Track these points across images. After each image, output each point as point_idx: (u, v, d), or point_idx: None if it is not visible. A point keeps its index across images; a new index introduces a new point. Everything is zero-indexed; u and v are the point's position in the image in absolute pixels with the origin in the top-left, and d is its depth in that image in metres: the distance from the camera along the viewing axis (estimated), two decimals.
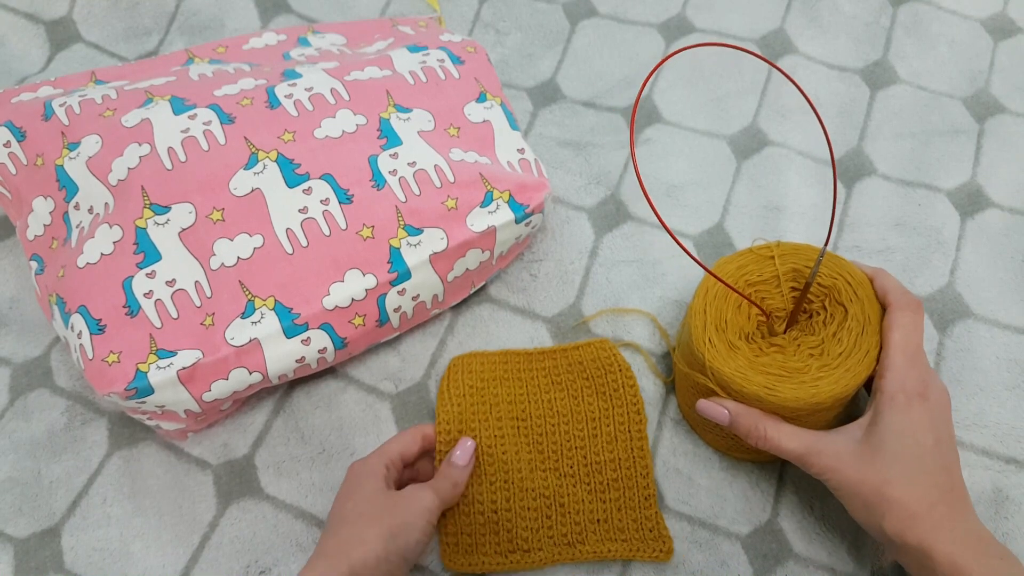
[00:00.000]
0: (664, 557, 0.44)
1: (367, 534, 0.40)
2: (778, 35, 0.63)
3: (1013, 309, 0.52)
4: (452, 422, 0.48)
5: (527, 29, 0.64)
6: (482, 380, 0.49)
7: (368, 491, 0.42)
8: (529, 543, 0.44)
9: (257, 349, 0.43)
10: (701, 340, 0.43)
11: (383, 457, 0.44)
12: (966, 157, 0.58)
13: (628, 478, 0.46)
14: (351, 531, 0.40)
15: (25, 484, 0.48)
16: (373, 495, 0.42)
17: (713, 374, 0.42)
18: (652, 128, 0.59)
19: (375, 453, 0.45)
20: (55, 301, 0.45)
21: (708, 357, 0.42)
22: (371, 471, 0.43)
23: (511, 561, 0.44)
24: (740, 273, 0.45)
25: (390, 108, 0.49)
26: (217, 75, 0.51)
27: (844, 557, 0.45)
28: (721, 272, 0.45)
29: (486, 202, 0.47)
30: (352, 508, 0.42)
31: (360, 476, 0.43)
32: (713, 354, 0.42)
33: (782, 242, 0.46)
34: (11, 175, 0.48)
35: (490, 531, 0.45)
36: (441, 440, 0.47)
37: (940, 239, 0.55)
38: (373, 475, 0.43)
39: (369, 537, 0.40)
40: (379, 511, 0.41)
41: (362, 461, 0.44)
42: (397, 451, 0.45)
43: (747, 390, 0.41)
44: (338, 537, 0.41)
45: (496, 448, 0.47)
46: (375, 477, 0.43)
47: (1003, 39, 0.63)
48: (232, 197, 0.45)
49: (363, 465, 0.44)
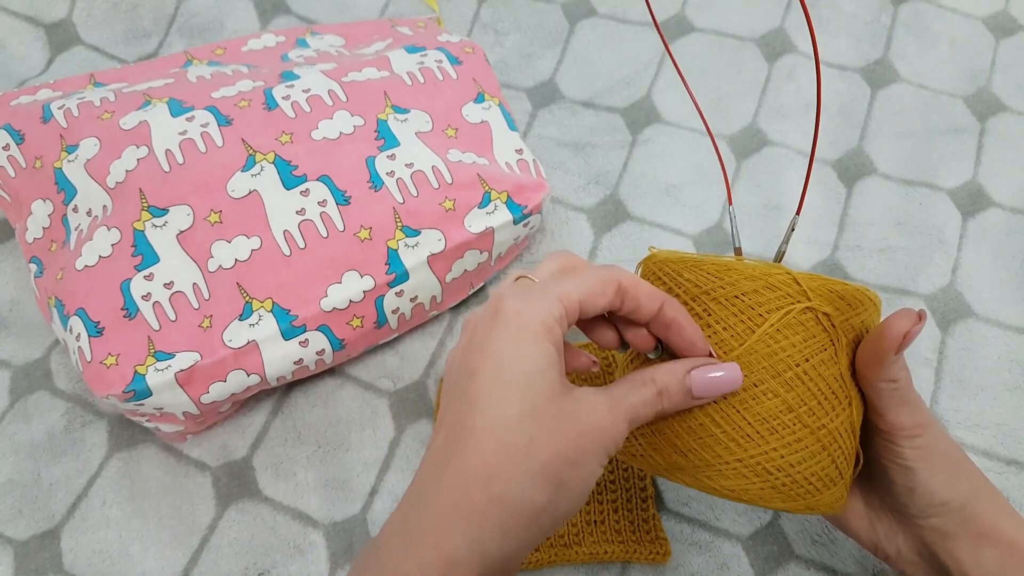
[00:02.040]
0: (661, 559, 0.44)
1: (521, 480, 0.25)
2: (778, 34, 0.63)
3: (1014, 309, 0.52)
4: None
5: (526, 29, 0.64)
6: None
7: (534, 382, 0.26)
8: None
9: (255, 351, 0.43)
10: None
11: (557, 303, 0.27)
12: (967, 156, 0.58)
13: (626, 480, 0.46)
14: (491, 464, 0.25)
15: (25, 486, 0.48)
16: (539, 392, 0.26)
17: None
18: (651, 128, 0.59)
19: (539, 293, 0.28)
20: (54, 303, 0.45)
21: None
22: (540, 328, 0.26)
23: None
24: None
25: (388, 109, 0.49)
26: (215, 77, 0.51)
27: (846, 559, 0.45)
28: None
29: (484, 203, 0.47)
30: (498, 417, 0.26)
31: (520, 338, 0.26)
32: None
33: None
34: (10, 178, 0.48)
35: None
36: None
37: (941, 238, 0.54)
38: (544, 341, 0.26)
39: (526, 486, 0.25)
40: (546, 434, 0.26)
41: (522, 299, 0.27)
42: (576, 297, 0.28)
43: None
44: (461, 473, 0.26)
45: None
46: (546, 350, 0.26)
47: (1004, 37, 0.62)
48: (230, 199, 0.45)
49: (526, 309, 0.27)
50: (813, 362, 0.32)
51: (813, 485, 0.33)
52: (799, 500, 0.33)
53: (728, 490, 0.33)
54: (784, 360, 0.32)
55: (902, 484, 0.35)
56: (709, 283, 0.33)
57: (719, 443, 0.33)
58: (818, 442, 0.33)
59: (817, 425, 0.33)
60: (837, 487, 0.34)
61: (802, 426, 0.32)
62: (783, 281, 0.33)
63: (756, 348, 0.32)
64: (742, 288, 0.33)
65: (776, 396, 0.32)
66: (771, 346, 0.32)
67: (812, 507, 0.34)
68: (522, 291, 0.28)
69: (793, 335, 0.32)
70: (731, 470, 0.33)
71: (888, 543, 0.37)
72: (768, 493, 0.33)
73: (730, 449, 0.33)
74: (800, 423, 0.32)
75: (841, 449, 0.33)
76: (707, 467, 0.33)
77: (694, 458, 0.33)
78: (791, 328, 0.32)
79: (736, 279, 0.33)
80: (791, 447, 0.32)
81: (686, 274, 0.34)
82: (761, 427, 0.32)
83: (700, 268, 0.34)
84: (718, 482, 0.33)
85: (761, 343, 0.32)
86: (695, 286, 0.34)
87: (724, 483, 0.33)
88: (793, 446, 0.32)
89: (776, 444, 0.32)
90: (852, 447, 0.34)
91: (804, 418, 0.32)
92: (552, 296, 0.28)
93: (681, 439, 0.33)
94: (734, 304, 0.33)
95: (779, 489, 0.33)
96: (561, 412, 0.27)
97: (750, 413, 0.32)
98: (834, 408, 0.33)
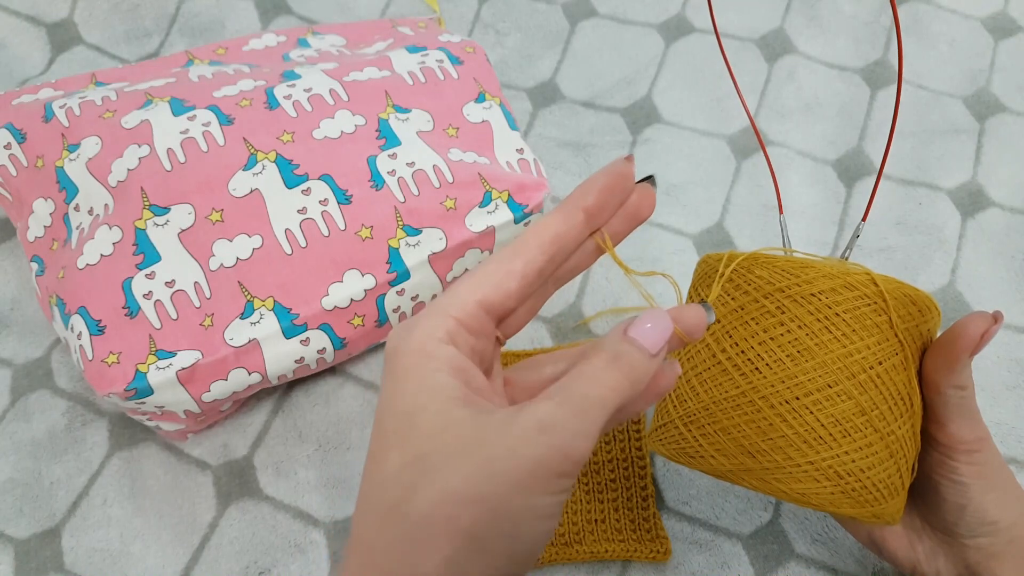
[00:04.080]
0: (662, 558, 0.44)
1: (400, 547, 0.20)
2: (778, 35, 0.63)
3: (1014, 308, 0.52)
4: None
5: (527, 29, 0.64)
6: None
7: (417, 422, 0.22)
8: None
9: (256, 349, 0.43)
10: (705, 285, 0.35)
11: (445, 318, 0.23)
12: (967, 156, 0.58)
13: (626, 479, 0.46)
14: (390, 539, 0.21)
15: (26, 485, 0.48)
16: (425, 432, 0.21)
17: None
18: (652, 128, 0.59)
19: (424, 315, 0.24)
20: (55, 302, 0.45)
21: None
22: (416, 359, 0.22)
23: None
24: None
25: (389, 108, 0.49)
26: (217, 76, 0.51)
27: (846, 557, 0.45)
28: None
29: (485, 202, 0.47)
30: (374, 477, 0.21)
31: (398, 378, 0.22)
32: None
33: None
34: (11, 177, 0.48)
35: None
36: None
37: (941, 238, 0.55)
38: (425, 371, 0.22)
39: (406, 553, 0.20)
40: (430, 479, 0.21)
41: (404, 332, 0.23)
42: (474, 298, 0.24)
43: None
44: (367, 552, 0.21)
45: None
46: (429, 382, 0.22)
47: (1004, 38, 0.62)
48: (231, 198, 0.45)
49: (404, 343, 0.23)
50: (886, 366, 0.32)
51: (880, 492, 0.32)
52: (867, 507, 0.32)
53: (799, 493, 0.32)
54: (859, 362, 0.31)
55: (953, 501, 0.34)
56: (784, 280, 0.32)
57: (791, 444, 0.32)
58: (887, 448, 0.32)
59: (887, 431, 0.32)
60: (899, 496, 0.33)
61: (873, 430, 0.32)
62: (861, 281, 0.32)
63: (831, 348, 0.32)
64: (819, 286, 0.32)
65: (850, 398, 0.31)
66: (847, 347, 0.31)
67: (878, 515, 0.33)
68: (408, 321, 0.24)
69: (868, 337, 0.32)
70: (802, 472, 0.32)
71: (928, 564, 0.36)
72: (839, 498, 0.32)
73: (802, 451, 0.32)
74: (871, 427, 0.32)
75: (906, 458, 0.33)
76: (777, 469, 0.32)
77: (764, 459, 0.32)
78: (867, 330, 0.32)
79: (813, 277, 0.32)
80: (862, 451, 0.32)
81: (758, 271, 0.33)
82: (834, 429, 0.31)
83: (774, 265, 0.33)
84: (788, 485, 0.32)
85: (836, 343, 0.31)
86: (768, 283, 0.33)
87: (795, 486, 0.32)
88: (864, 451, 0.32)
89: (848, 448, 0.31)
90: (914, 457, 0.34)
91: (876, 422, 0.32)
92: (438, 312, 0.23)
93: (750, 440, 0.32)
94: (810, 302, 0.32)
95: (849, 494, 0.32)
96: (462, 445, 0.21)
97: (824, 414, 0.31)
98: (903, 414, 0.32)
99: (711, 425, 0.34)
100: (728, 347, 0.34)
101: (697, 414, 0.35)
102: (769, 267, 0.33)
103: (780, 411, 0.32)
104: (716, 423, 0.33)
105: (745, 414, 0.32)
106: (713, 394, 0.34)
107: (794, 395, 0.32)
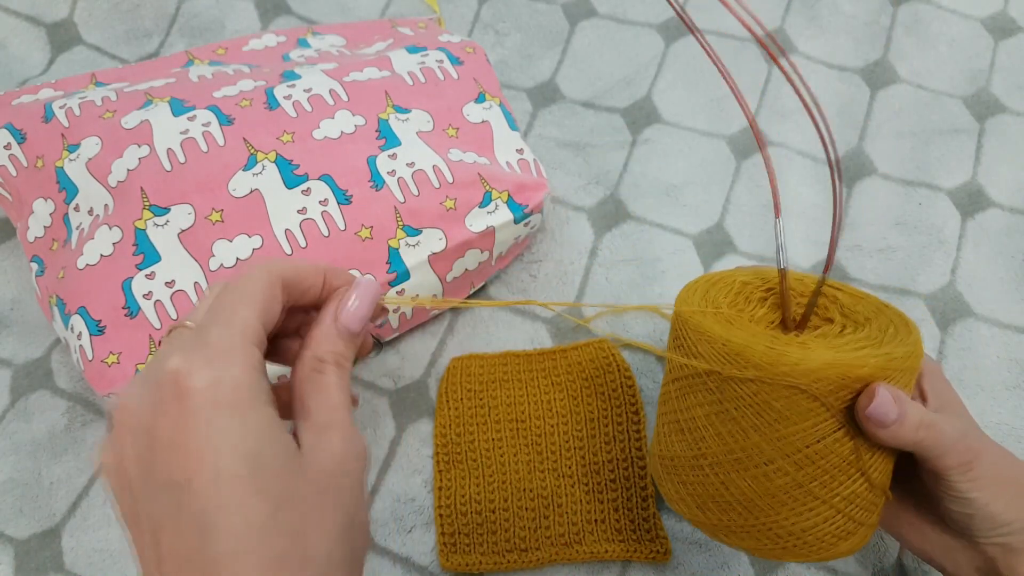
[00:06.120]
0: (662, 558, 0.44)
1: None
2: (778, 35, 0.63)
3: (1014, 308, 0.52)
4: (450, 425, 0.48)
5: (526, 30, 0.64)
6: (480, 383, 0.49)
7: (269, 463, 0.21)
8: (527, 543, 0.44)
9: None
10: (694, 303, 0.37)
11: (246, 345, 0.22)
12: (967, 156, 0.58)
13: (626, 479, 0.46)
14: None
15: (26, 485, 0.48)
16: (279, 471, 0.21)
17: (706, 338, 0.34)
18: (651, 128, 0.59)
19: (222, 343, 0.22)
20: (55, 302, 0.45)
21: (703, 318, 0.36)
22: (246, 394, 0.21)
23: (508, 561, 0.44)
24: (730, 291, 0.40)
25: (389, 109, 0.49)
26: (217, 77, 0.51)
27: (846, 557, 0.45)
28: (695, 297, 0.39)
29: (485, 202, 0.47)
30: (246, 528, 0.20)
31: (230, 417, 0.21)
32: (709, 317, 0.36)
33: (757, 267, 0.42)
34: (11, 177, 0.48)
35: (488, 531, 0.45)
36: (438, 444, 0.47)
37: (941, 238, 0.54)
38: (257, 405, 0.22)
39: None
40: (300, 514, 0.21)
41: (208, 364, 0.21)
42: (259, 321, 0.24)
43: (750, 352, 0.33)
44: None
45: (494, 450, 0.47)
46: (263, 415, 0.22)
47: (1003, 38, 0.62)
48: (231, 198, 0.45)
49: (222, 375, 0.21)
50: (826, 441, 0.32)
51: (827, 542, 0.34)
52: (814, 555, 0.34)
53: (744, 549, 0.35)
54: (794, 443, 0.32)
55: (960, 511, 0.34)
56: (721, 363, 0.33)
57: (732, 508, 0.34)
58: (831, 508, 0.33)
59: (830, 496, 0.33)
60: (856, 535, 0.34)
61: (812, 498, 0.33)
62: (794, 371, 0.31)
63: (765, 432, 0.33)
64: (751, 374, 0.32)
65: (786, 475, 0.33)
66: (779, 431, 0.33)
67: (828, 557, 0.35)
68: (199, 351, 0.22)
69: (803, 421, 0.32)
70: (744, 532, 0.34)
71: (946, 558, 0.36)
72: (779, 553, 0.34)
73: (742, 515, 0.34)
74: (811, 496, 0.33)
75: (859, 506, 0.34)
76: (724, 527, 0.35)
77: (712, 517, 0.35)
78: (801, 415, 0.32)
79: (746, 364, 0.32)
80: (802, 515, 0.33)
81: (701, 346, 0.34)
82: (771, 500, 0.33)
83: (713, 341, 0.34)
84: (733, 541, 0.35)
85: (770, 428, 0.33)
86: (711, 358, 0.34)
87: (739, 543, 0.35)
88: (805, 515, 0.33)
89: (787, 513, 0.33)
90: (873, 500, 0.34)
91: (816, 491, 0.33)
92: (236, 339, 0.22)
93: (699, 498, 0.35)
94: (746, 387, 0.33)
95: (790, 551, 0.34)
96: (302, 477, 0.21)
97: (760, 487, 0.33)
98: (849, 477, 0.33)
99: (674, 474, 0.37)
100: (682, 410, 0.36)
101: (664, 460, 0.38)
102: (708, 343, 0.34)
103: (723, 479, 0.34)
104: (676, 475, 0.37)
105: (696, 473, 0.35)
106: (673, 449, 0.37)
107: (735, 468, 0.34)
